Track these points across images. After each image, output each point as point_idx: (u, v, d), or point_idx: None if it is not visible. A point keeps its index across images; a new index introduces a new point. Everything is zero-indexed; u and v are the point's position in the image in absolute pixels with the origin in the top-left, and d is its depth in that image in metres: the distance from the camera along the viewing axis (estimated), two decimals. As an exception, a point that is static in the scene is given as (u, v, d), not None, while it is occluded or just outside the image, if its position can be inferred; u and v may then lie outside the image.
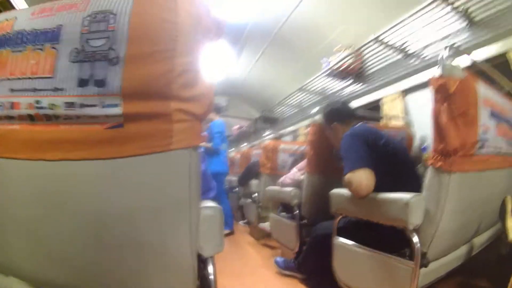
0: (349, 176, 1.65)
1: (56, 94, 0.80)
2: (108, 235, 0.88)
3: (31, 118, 0.83)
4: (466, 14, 2.60)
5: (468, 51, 1.70)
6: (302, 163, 2.92)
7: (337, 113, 2.24)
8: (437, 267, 1.57)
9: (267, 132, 5.01)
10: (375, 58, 3.70)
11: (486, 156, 1.62)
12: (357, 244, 1.80)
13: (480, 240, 1.91)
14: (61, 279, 0.94)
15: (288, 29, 4.77)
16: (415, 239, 1.45)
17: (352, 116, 2.23)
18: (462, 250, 1.79)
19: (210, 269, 1.08)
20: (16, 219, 0.91)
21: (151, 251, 0.92)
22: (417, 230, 1.47)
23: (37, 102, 0.81)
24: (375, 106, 3.88)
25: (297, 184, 2.86)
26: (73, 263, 0.91)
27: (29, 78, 0.82)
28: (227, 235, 4.43)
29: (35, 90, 0.82)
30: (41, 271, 0.94)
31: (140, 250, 0.91)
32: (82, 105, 0.79)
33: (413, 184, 1.59)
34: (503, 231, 1.50)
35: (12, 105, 0.83)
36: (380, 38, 3.28)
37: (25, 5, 2.54)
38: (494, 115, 1.66)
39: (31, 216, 0.89)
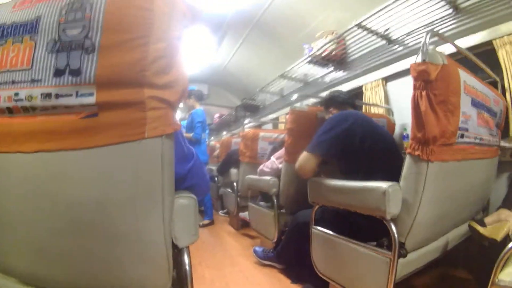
0: (302, 155, 1.91)
1: (33, 85, 0.80)
2: (82, 225, 0.87)
3: (9, 111, 0.82)
4: (451, 1, 2.58)
5: (452, 38, 1.69)
6: (281, 152, 2.90)
7: (335, 99, 2.39)
8: (416, 258, 1.57)
9: (247, 120, 5.00)
10: (357, 44, 3.69)
11: (466, 146, 1.60)
12: (335, 234, 1.79)
13: (460, 231, 1.92)
14: (43, 273, 0.94)
15: (270, 17, 4.72)
16: (393, 229, 1.44)
17: (347, 103, 2.36)
18: (442, 241, 1.79)
19: (185, 259, 1.06)
20: None
21: (124, 241, 0.90)
22: (394, 220, 1.46)
23: (16, 94, 0.81)
24: (356, 93, 3.87)
25: (275, 173, 2.85)
26: (49, 254, 0.91)
27: (8, 71, 0.82)
28: (207, 225, 4.46)
29: (13, 82, 0.82)
30: (25, 266, 0.95)
31: (113, 240, 0.90)
32: (58, 96, 0.79)
33: (397, 172, 1.60)
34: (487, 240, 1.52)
35: None
36: (363, 24, 3.25)
37: None
38: (476, 103, 1.64)
39: (13, 211, 0.90)
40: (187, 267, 1.06)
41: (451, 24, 2.70)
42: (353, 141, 1.80)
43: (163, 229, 0.93)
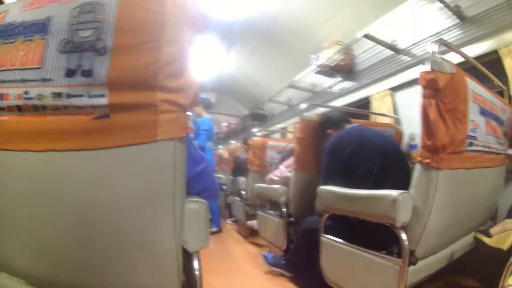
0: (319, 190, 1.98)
1: (44, 84, 0.80)
2: (92, 228, 0.86)
3: (19, 109, 0.82)
4: (457, 11, 2.59)
5: (459, 47, 1.70)
6: (290, 161, 2.90)
7: (329, 121, 2.42)
8: (426, 265, 1.56)
9: (256, 129, 5.01)
10: (364, 54, 3.70)
11: (475, 154, 1.60)
12: (344, 242, 1.78)
13: (468, 240, 1.89)
14: (49, 274, 0.93)
15: (278, 26, 4.76)
16: (403, 236, 1.43)
17: (342, 121, 2.36)
18: (451, 248, 1.77)
19: (195, 264, 1.05)
20: (4, 213, 0.91)
21: (134, 245, 0.90)
22: (405, 228, 1.46)
23: (26, 92, 0.81)
24: (364, 103, 3.87)
25: (284, 181, 2.85)
26: (59, 258, 0.91)
27: (19, 69, 0.82)
28: (214, 233, 4.43)
29: (24, 81, 0.81)
30: (31, 266, 0.94)
31: (122, 245, 0.89)
32: (69, 96, 0.79)
33: (401, 181, 1.60)
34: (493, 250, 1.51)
35: (1, 96, 0.83)
36: (369, 34, 3.27)
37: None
38: (484, 112, 1.65)
39: (19, 210, 0.89)
40: (197, 272, 1.05)
41: (457, 34, 2.71)
42: (358, 165, 1.89)
43: (173, 234, 0.92)
